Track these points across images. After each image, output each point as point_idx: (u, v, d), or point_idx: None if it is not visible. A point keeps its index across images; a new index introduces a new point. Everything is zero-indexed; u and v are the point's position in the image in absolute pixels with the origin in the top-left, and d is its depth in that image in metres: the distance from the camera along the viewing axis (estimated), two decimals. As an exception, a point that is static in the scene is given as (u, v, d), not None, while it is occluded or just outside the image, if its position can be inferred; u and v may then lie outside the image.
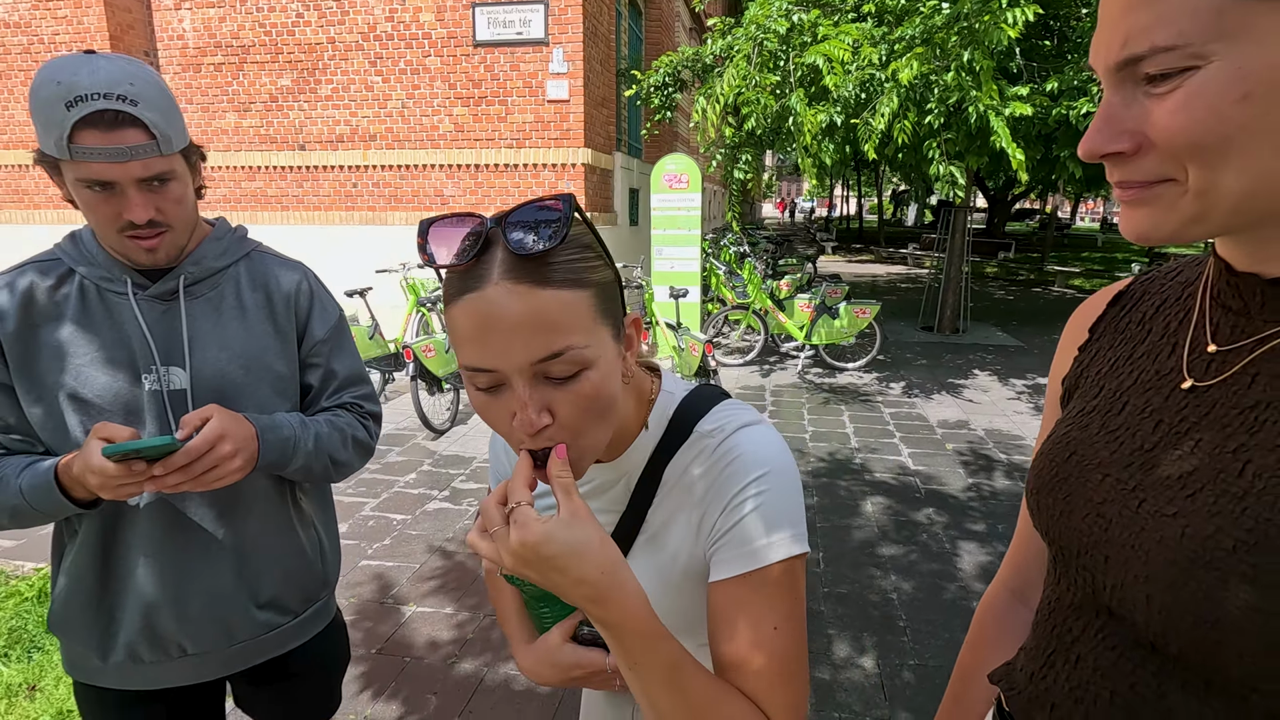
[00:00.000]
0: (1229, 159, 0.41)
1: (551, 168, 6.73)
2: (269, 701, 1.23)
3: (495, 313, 0.54)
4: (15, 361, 0.98)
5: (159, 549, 1.04)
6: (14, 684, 2.27)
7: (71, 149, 0.88)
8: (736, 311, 6.88)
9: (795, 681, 0.64)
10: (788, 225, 33.68)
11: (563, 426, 0.58)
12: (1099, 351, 0.61)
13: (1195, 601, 0.45)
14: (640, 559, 0.73)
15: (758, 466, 0.66)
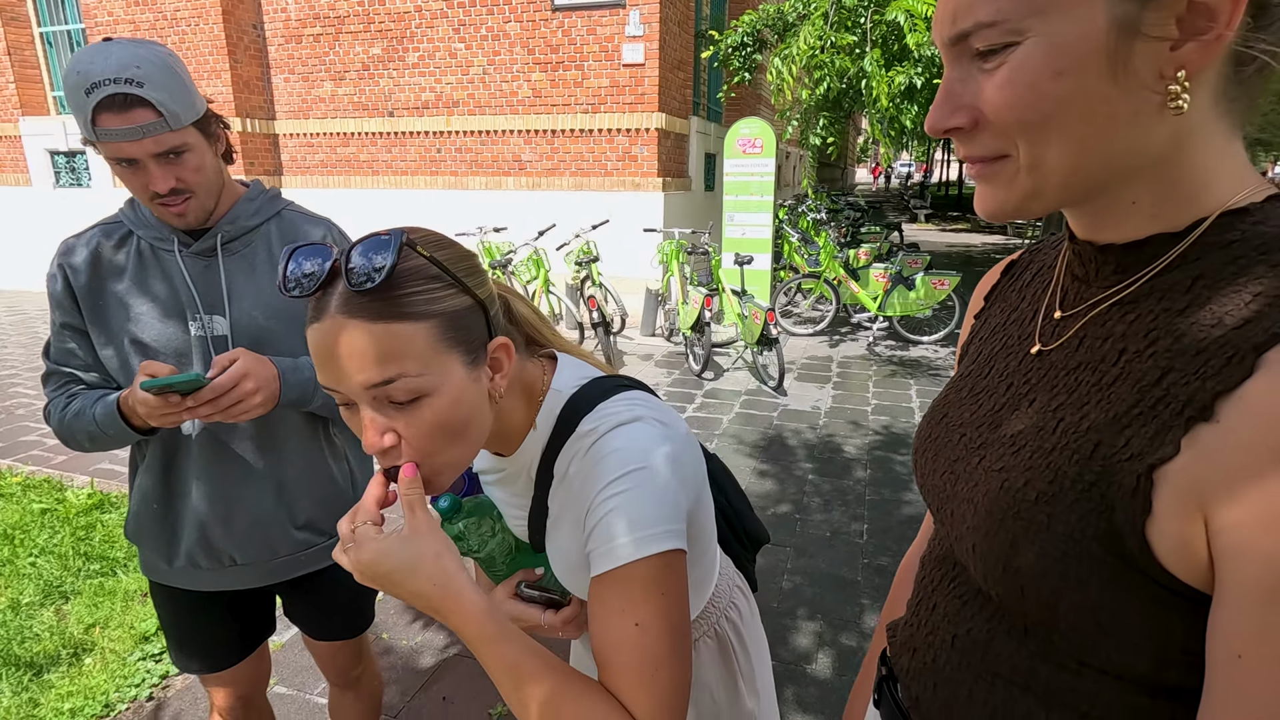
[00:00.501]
0: (1050, 134, 0.42)
1: (625, 133, 6.75)
2: (310, 611, 1.40)
3: (330, 343, 0.59)
4: (88, 311, 1.16)
5: (208, 474, 1.20)
6: (130, 590, 2.63)
7: (96, 132, 1.00)
8: (808, 280, 6.74)
9: (659, 678, 0.62)
10: (881, 191, 32.18)
11: (410, 447, 0.62)
12: (988, 319, 0.63)
13: (1003, 549, 0.48)
14: (553, 544, 0.78)
15: (622, 466, 0.66)
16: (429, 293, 0.61)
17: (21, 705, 2.05)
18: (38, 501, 3.28)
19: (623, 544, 0.63)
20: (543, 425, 0.75)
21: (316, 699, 2.13)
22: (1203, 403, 0.39)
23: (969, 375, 0.61)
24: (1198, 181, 0.44)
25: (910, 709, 0.61)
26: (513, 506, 0.84)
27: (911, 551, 0.82)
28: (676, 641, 0.64)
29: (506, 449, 0.78)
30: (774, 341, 4.86)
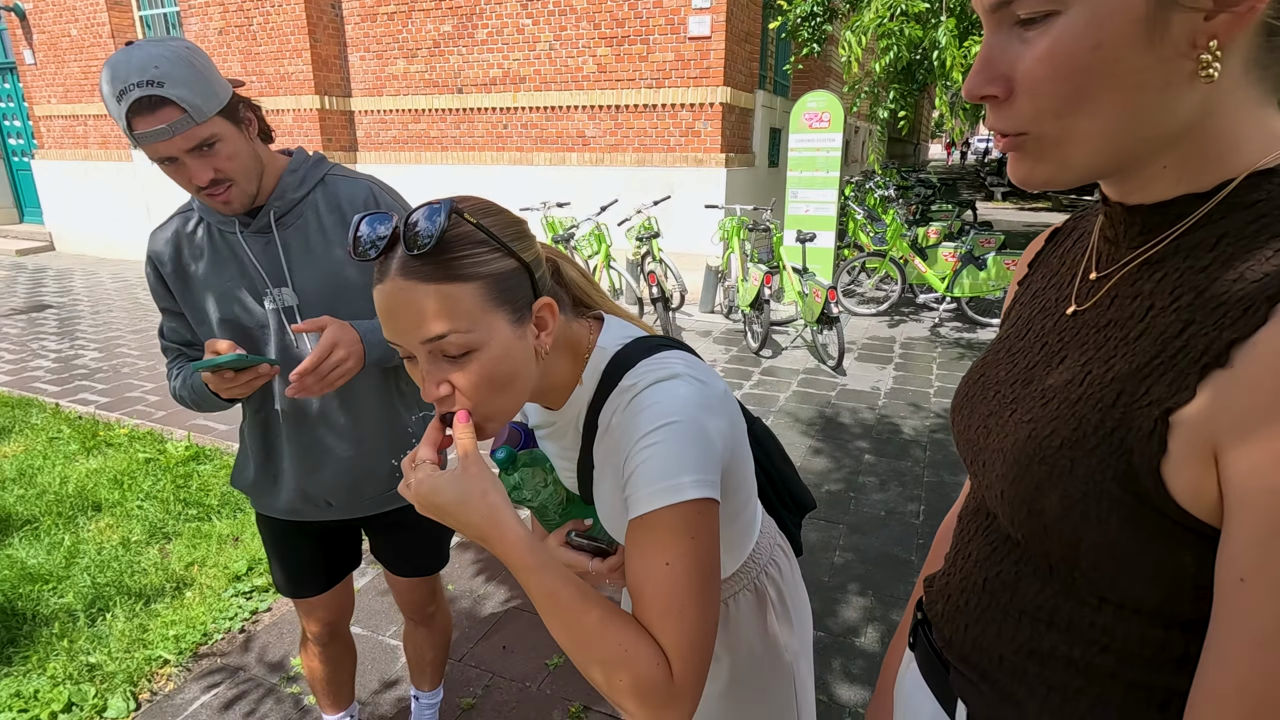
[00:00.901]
0: (1082, 106, 0.43)
1: (689, 108, 6.70)
2: (392, 549, 1.53)
3: (391, 303, 0.66)
4: (179, 295, 1.27)
5: (297, 432, 1.33)
6: (223, 534, 2.87)
7: (134, 137, 1.07)
8: (873, 259, 6.59)
9: (686, 613, 0.66)
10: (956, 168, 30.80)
11: (462, 396, 0.69)
12: (1030, 285, 0.65)
13: (1029, 493, 0.51)
14: (599, 489, 0.84)
15: (659, 418, 0.70)
16: (476, 256, 0.67)
17: (134, 630, 2.29)
18: (142, 451, 3.60)
19: (656, 490, 0.68)
20: (588, 380, 0.80)
21: (388, 640, 2.29)
22: (1218, 350, 0.41)
23: (1008, 338, 0.63)
24: (1225, 145, 0.44)
25: (943, 649, 0.65)
26: (563, 459, 0.90)
27: (951, 513, 0.84)
28: (704, 582, 0.68)
29: (555, 403, 0.84)
30: (834, 320, 4.80)
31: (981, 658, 0.59)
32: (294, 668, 2.17)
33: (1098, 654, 0.50)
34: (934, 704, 0.66)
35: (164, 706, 2.03)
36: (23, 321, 6.38)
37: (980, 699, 0.59)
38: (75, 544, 2.77)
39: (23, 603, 2.41)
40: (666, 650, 0.65)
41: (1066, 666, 0.52)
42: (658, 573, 0.67)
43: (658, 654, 0.65)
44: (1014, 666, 0.56)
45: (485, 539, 0.66)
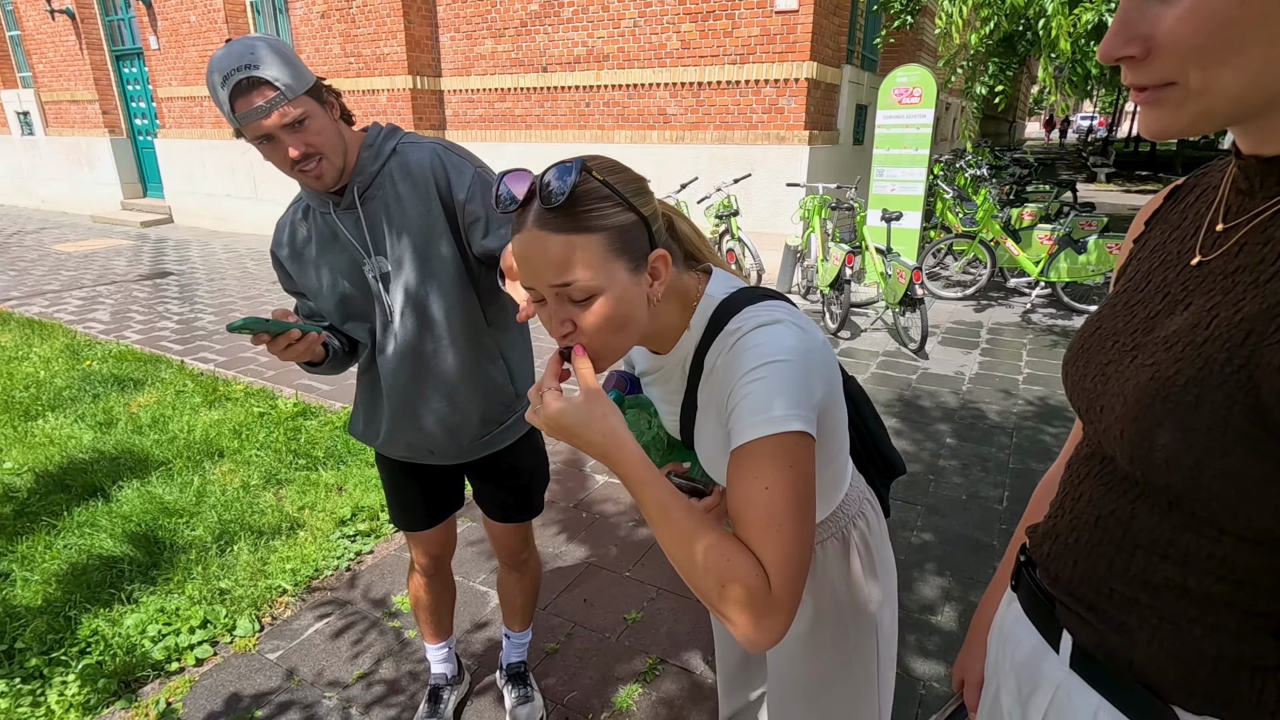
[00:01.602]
0: (1228, 60, 0.44)
1: (773, 84, 6.60)
2: (490, 495, 1.65)
3: (526, 250, 0.75)
4: (296, 276, 1.42)
5: (393, 389, 1.45)
6: (329, 483, 3.12)
7: (237, 118, 1.18)
8: (962, 240, 6.34)
9: (784, 533, 0.71)
10: (1055, 148, 28.92)
11: (582, 334, 0.78)
12: (1147, 241, 0.66)
13: (1150, 429, 0.53)
14: (700, 429, 0.91)
15: (761, 358, 0.76)
16: (601, 210, 0.74)
17: (256, 561, 2.54)
18: (256, 406, 3.92)
19: (758, 420, 0.73)
20: (696, 326, 0.87)
21: (478, 586, 2.45)
22: None
23: (1124, 292, 0.64)
24: None
25: (1049, 585, 0.68)
26: (667, 404, 0.97)
27: (1049, 473, 0.86)
28: (800, 506, 0.72)
29: (663, 347, 0.91)
30: (918, 302, 4.68)
31: (1089, 591, 0.62)
32: (395, 604, 2.36)
33: (1214, 583, 0.53)
34: (1036, 638, 0.69)
35: (283, 630, 2.25)
36: (149, 286, 6.99)
37: (1087, 629, 0.62)
38: (203, 485, 3.07)
39: (162, 532, 2.71)
40: (765, 565, 0.70)
41: (1180, 596, 0.55)
42: (758, 495, 0.72)
43: (757, 566, 0.70)
44: (1124, 597, 0.59)
45: (605, 455, 0.74)
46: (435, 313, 1.39)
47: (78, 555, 2.55)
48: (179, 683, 2.03)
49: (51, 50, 11.58)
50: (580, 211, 0.73)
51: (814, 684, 1.07)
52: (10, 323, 5.59)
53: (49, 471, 3.18)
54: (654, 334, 0.89)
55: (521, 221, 0.75)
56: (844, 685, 1.07)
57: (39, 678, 2.01)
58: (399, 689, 2.00)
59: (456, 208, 1.35)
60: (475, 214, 1.35)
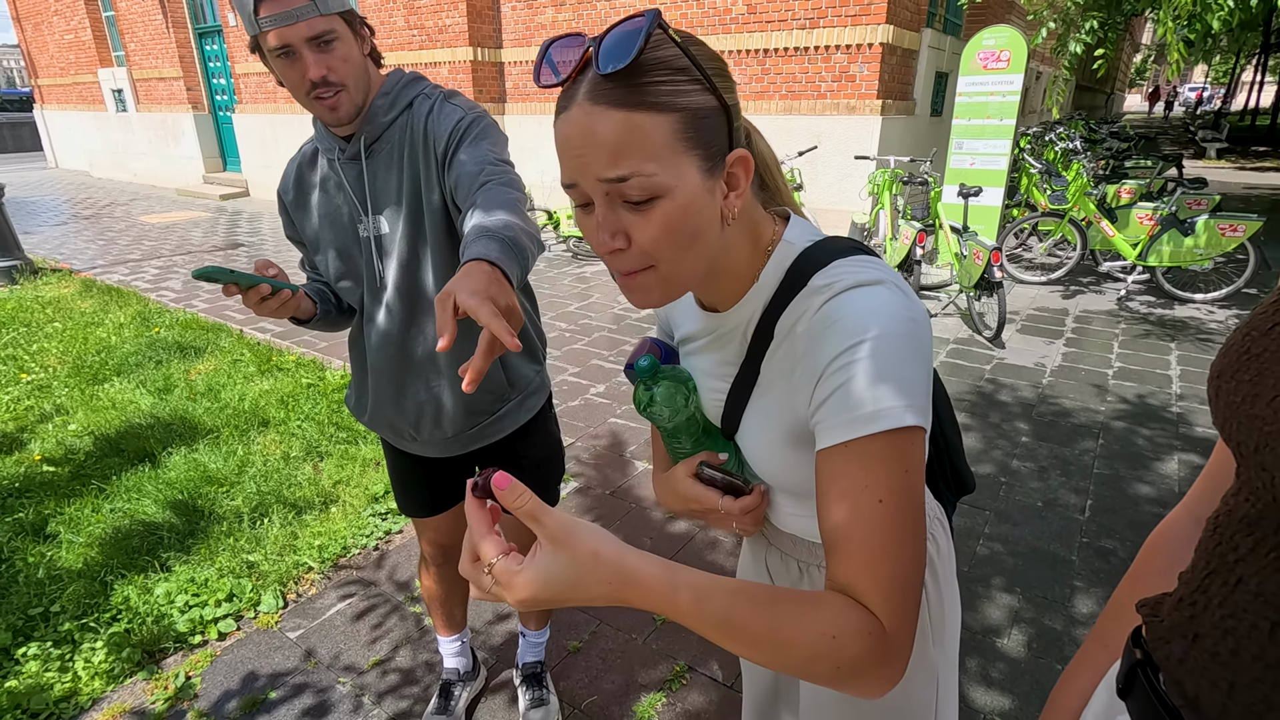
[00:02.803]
0: None
1: (844, 49, 6.18)
2: None
3: (573, 132, 0.57)
4: (299, 223, 1.31)
5: (376, 364, 1.33)
6: (367, 458, 3.08)
7: (259, 21, 1.07)
8: (1048, 220, 5.82)
9: (901, 558, 0.57)
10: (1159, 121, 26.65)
11: (640, 252, 0.59)
12: None
13: None
14: (755, 410, 0.73)
15: (857, 333, 0.59)
16: (674, 84, 0.57)
17: (286, 536, 2.51)
18: (305, 377, 3.94)
19: (866, 414, 0.57)
20: (768, 279, 0.69)
21: (504, 574, 2.35)
22: None
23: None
24: None
25: (1183, 708, 0.47)
26: (715, 377, 0.79)
27: (1171, 518, 0.64)
28: (917, 521, 0.58)
29: (726, 299, 0.72)
30: (996, 286, 4.29)
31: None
32: (418, 589, 2.29)
33: None
34: None
35: (306, 608, 2.21)
36: (220, 257, 7.23)
37: None
38: (246, 454, 3.09)
39: (202, 501, 2.72)
40: (877, 600, 0.56)
41: None
42: (869, 510, 0.57)
43: (864, 619, 0.55)
44: None
45: (618, 600, 0.53)
46: (423, 284, 1.27)
47: (121, 520, 2.59)
48: (200, 656, 2.01)
49: (141, 29, 12.11)
50: (648, 83, 0.56)
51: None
52: (93, 290, 5.87)
53: (107, 435, 3.27)
54: (719, 273, 0.70)
55: (570, 97, 0.58)
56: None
57: (70, 643, 2.03)
58: (413, 679, 1.92)
59: (439, 154, 1.19)
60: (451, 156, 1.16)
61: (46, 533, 2.54)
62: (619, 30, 0.55)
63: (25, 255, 6.32)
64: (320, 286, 1.35)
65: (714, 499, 0.79)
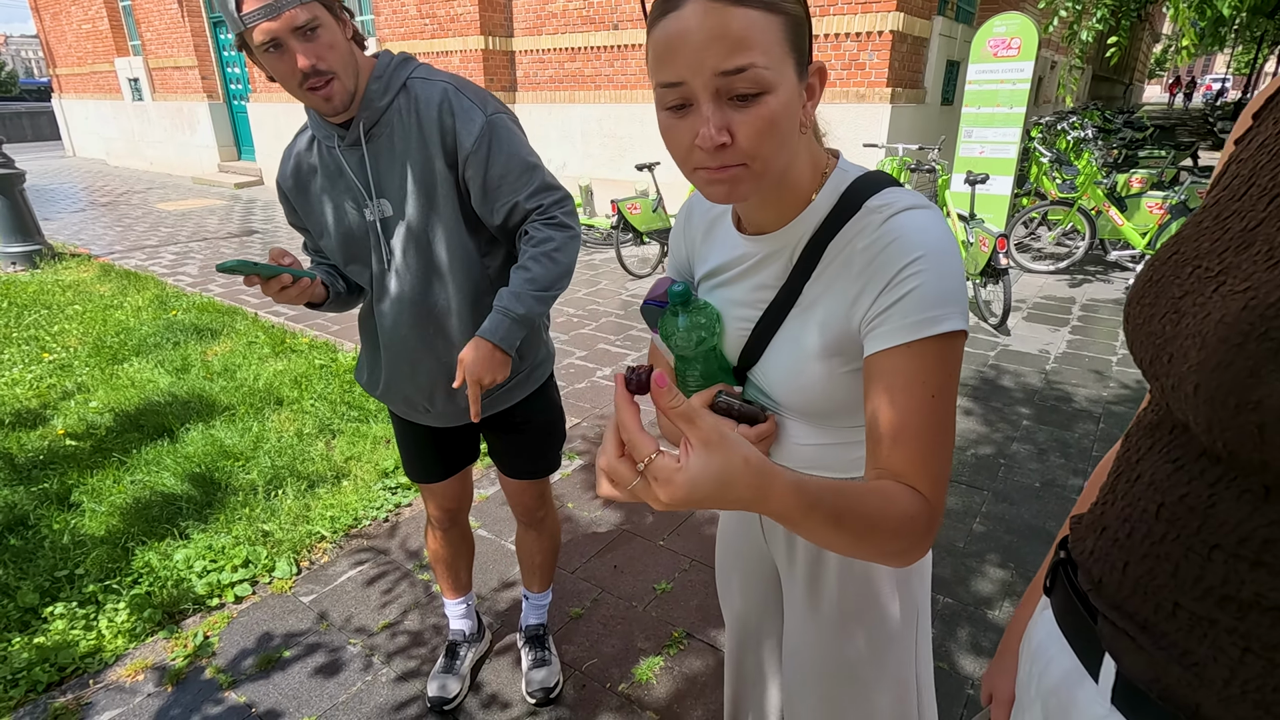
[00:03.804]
0: None
1: (854, 37, 6.17)
2: (503, 450, 1.58)
3: (688, 27, 0.60)
4: (301, 211, 1.35)
5: (391, 340, 1.38)
6: (377, 435, 3.16)
7: (242, 18, 1.09)
8: (1058, 209, 5.80)
9: (946, 445, 0.67)
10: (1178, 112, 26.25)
11: (740, 149, 0.63)
12: (1254, 138, 0.49)
13: (1240, 380, 0.38)
14: (788, 331, 0.79)
15: (920, 247, 0.67)
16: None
17: (299, 508, 2.60)
18: (319, 359, 4.03)
19: (927, 317, 0.66)
20: (823, 201, 0.75)
21: (507, 544, 2.42)
22: None
23: (1216, 203, 0.48)
24: None
25: (1090, 593, 0.53)
26: (746, 305, 0.84)
27: (1108, 454, 0.69)
28: (954, 418, 0.68)
29: (777, 220, 0.78)
30: (1002, 273, 4.31)
31: (1144, 604, 0.47)
32: (427, 558, 2.36)
33: None
34: (1071, 659, 0.54)
35: (319, 575, 2.29)
36: (235, 244, 7.34)
37: (1138, 656, 0.47)
38: (261, 431, 3.17)
39: (219, 474, 2.81)
40: (927, 483, 0.65)
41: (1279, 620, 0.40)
42: (924, 404, 0.66)
43: (920, 501, 0.64)
44: (1194, 617, 0.44)
45: (757, 504, 0.55)
46: (435, 264, 1.32)
47: (141, 491, 2.69)
48: (218, 618, 2.09)
49: (157, 19, 12.23)
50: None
51: (844, 673, 0.95)
52: (112, 274, 5.99)
53: (127, 412, 3.37)
54: (781, 188, 0.74)
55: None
56: (876, 672, 0.93)
57: (94, 603, 2.12)
58: (421, 641, 2.00)
59: (460, 154, 1.26)
60: (475, 169, 1.26)
61: (70, 502, 2.64)
62: None
63: (45, 240, 6.45)
64: (329, 269, 1.40)
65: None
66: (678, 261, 0.97)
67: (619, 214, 5.71)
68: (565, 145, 8.38)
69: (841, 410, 0.80)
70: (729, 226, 0.86)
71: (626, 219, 5.74)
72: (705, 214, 0.91)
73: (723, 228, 0.87)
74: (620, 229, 5.81)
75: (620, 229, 5.81)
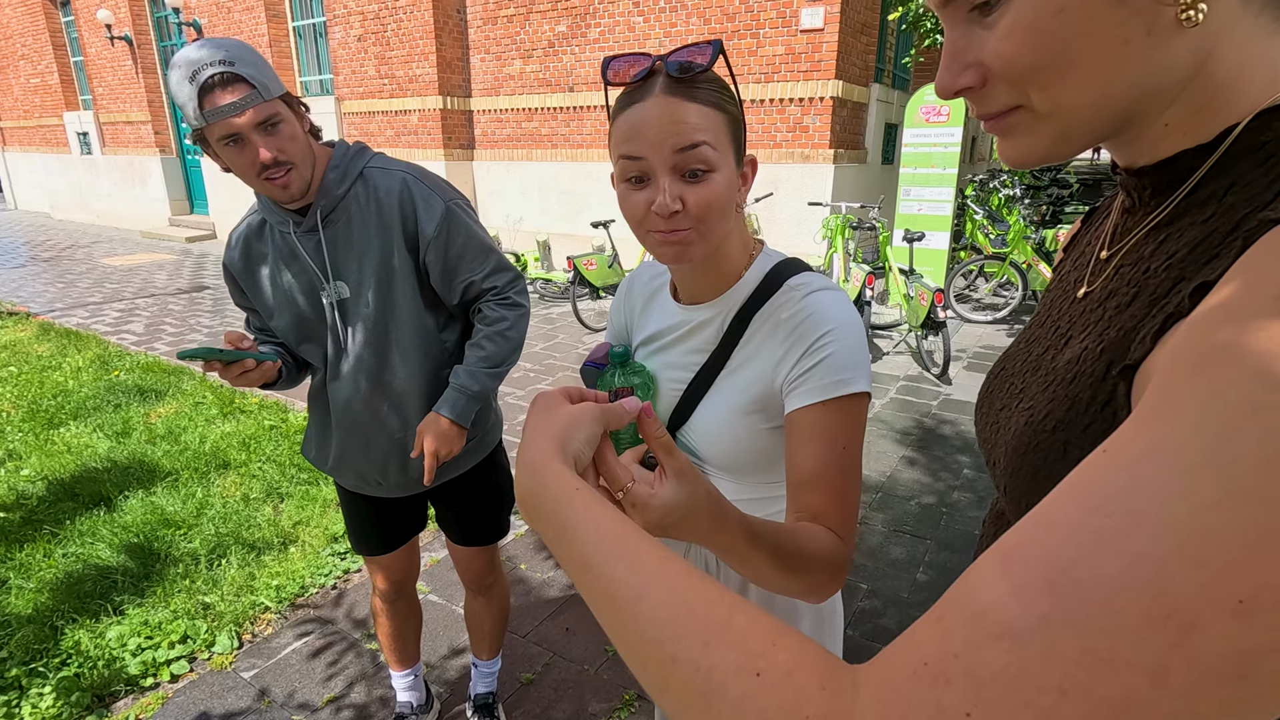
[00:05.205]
0: (1066, 75, 0.39)
1: (798, 102, 6.53)
2: (452, 518, 1.60)
3: (651, 115, 0.74)
4: (250, 292, 1.38)
5: (347, 415, 1.41)
6: (328, 498, 3.11)
7: (205, 115, 1.12)
8: (991, 263, 6.14)
9: (854, 490, 0.77)
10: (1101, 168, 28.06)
11: (690, 215, 0.76)
12: (1060, 269, 0.59)
13: (1026, 483, 0.46)
14: (719, 391, 0.88)
15: (832, 320, 0.79)
16: (725, 94, 0.77)
17: (244, 577, 2.53)
18: (268, 419, 3.96)
19: (841, 379, 0.77)
20: (751, 277, 0.87)
21: (459, 610, 2.40)
22: (1180, 299, 0.35)
23: (1031, 326, 0.58)
24: (1229, 88, 0.39)
25: None
26: (679, 368, 0.92)
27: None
28: (860, 477, 0.79)
29: (710, 293, 0.89)
30: (940, 326, 4.52)
31: None
32: (374, 629, 2.32)
33: None
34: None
35: (262, 648, 2.23)
36: (185, 300, 7.21)
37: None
38: (206, 496, 3.09)
39: (159, 544, 2.72)
40: (840, 523, 0.74)
41: None
42: (837, 455, 0.76)
43: (834, 541, 0.73)
44: None
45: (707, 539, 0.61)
46: (393, 342, 1.36)
47: (74, 564, 2.58)
48: (152, 699, 2.01)
49: (110, 74, 12.18)
50: (712, 89, 0.75)
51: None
52: (51, 333, 5.81)
53: (61, 480, 3.25)
54: (715, 262, 0.86)
55: (645, 91, 0.75)
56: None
57: (17, 688, 2.01)
58: (368, 714, 1.95)
59: (421, 240, 1.32)
60: (436, 254, 1.33)
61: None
62: (692, 48, 0.74)
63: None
64: (276, 346, 1.43)
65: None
66: (616, 330, 1.06)
67: (575, 270, 5.83)
68: (523, 201, 8.54)
69: (762, 465, 0.88)
70: (667, 297, 0.96)
71: (583, 274, 5.86)
72: (645, 286, 1.01)
73: (661, 298, 0.97)
74: (577, 284, 5.92)
75: (577, 284, 5.92)
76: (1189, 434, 0.28)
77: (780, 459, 0.84)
